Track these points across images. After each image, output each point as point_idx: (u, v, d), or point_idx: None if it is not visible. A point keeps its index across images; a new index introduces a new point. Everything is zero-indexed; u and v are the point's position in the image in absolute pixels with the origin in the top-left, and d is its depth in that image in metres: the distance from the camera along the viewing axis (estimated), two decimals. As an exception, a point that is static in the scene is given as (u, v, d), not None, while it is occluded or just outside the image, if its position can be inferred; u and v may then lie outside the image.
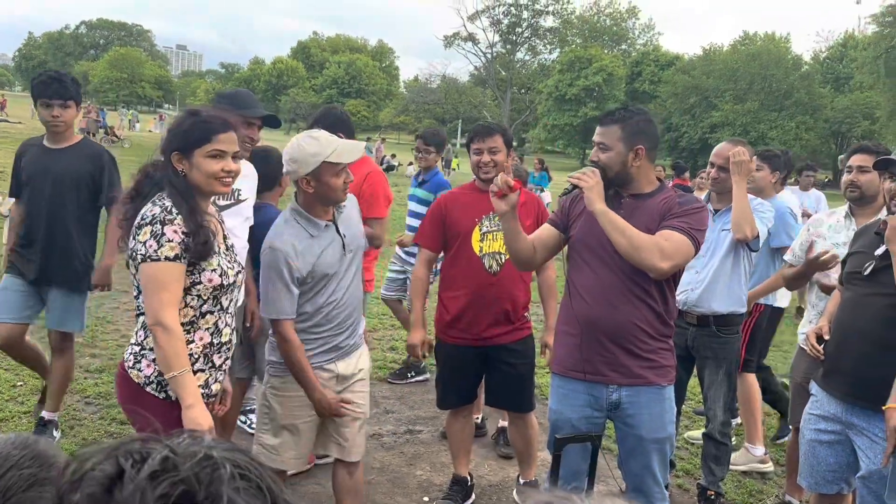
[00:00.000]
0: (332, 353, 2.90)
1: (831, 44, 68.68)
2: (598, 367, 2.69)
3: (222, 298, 2.37)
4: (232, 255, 2.46)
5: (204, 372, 2.36)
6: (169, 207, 2.23)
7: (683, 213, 2.60)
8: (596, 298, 2.67)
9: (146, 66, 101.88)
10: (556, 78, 62.37)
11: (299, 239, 2.71)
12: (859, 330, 2.76)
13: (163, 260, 2.18)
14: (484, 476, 4.09)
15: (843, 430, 2.84)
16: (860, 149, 3.53)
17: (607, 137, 2.67)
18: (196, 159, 2.28)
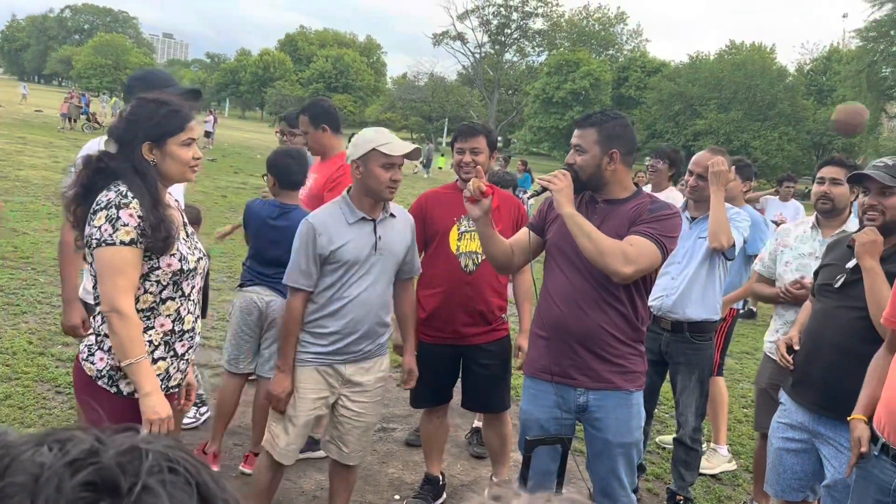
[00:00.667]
0: (342, 354, 2.91)
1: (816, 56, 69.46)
2: (566, 370, 2.71)
3: (183, 284, 2.32)
4: (192, 241, 2.41)
5: (165, 360, 2.31)
6: (124, 192, 2.17)
7: (653, 219, 2.61)
8: (566, 302, 2.68)
9: (131, 53, 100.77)
10: (544, 80, 62.52)
11: (333, 220, 2.86)
12: (829, 341, 2.80)
13: (118, 244, 2.13)
14: (456, 475, 4.10)
15: (810, 439, 2.88)
16: (832, 161, 3.55)
17: (583, 140, 2.69)
18: (170, 148, 2.25)
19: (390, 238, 2.94)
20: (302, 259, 2.84)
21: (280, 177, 3.62)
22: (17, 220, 9.11)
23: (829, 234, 3.49)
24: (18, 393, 4.26)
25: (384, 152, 2.77)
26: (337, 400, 2.98)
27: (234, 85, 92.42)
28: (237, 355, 3.64)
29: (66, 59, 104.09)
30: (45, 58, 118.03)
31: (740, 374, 7.04)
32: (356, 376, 2.96)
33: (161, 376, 2.29)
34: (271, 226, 3.57)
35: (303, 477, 3.79)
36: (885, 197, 2.72)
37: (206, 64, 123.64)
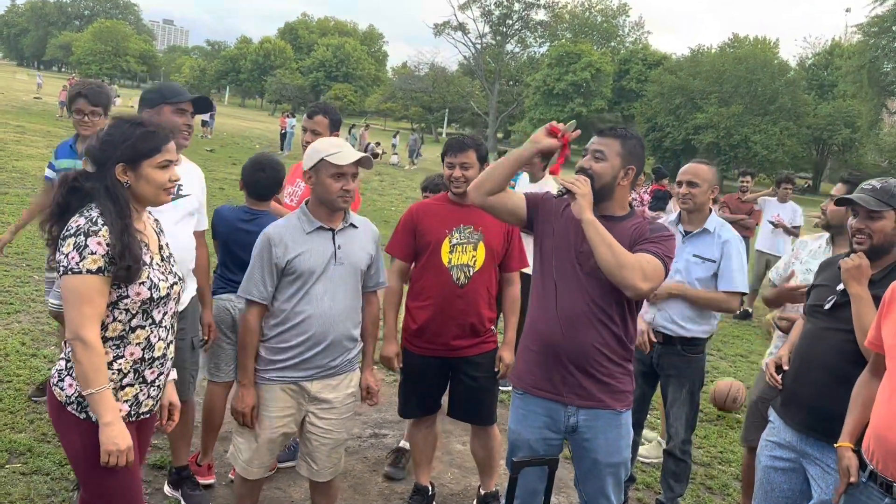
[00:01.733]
0: (305, 369, 2.89)
1: (818, 50, 69.24)
2: (557, 387, 2.71)
3: (153, 312, 2.29)
4: (168, 265, 2.39)
5: (133, 387, 2.29)
6: (94, 218, 2.16)
7: (657, 238, 2.62)
8: (560, 320, 2.67)
9: (131, 39, 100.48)
10: (545, 72, 62.30)
11: (290, 230, 2.86)
12: (818, 362, 2.80)
13: (84, 273, 2.12)
14: (446, 485, 4.10)
15: (798, 459, 2.88)
16: (840, 179, 3.53)
17: (607, 148, 2.68)
18: (145, 171, 2.24)
19: (351, 248, 2.93)
20: (257, 270, 2.83)
21: (248, 188, 3.65)
22: (13, 214, 9.07)
23: (842, 250, 3.46)
24: (9, 396, 4.26)
25: (333, 162, 2.78)
26: (305, 417, 2.96)
27: (234, 73, 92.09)
28: (217, 363, 3.63)
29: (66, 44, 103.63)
30: (44, 43, 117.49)
31: (734, 377, 7.03)
32: (323, 393, 2.94)
33: (130, 402, 2.28)
34: (242, 230, 3.55)
35: (292, 486, 3.80)
36: (873, 220, 2.72)
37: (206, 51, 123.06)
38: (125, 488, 2.29)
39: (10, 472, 3.50)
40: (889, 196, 2.72)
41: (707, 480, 4.63)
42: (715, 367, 7.25)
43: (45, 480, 3.47)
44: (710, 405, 5.99)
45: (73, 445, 2.26)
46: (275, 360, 2.89)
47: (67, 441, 2.27)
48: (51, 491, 3.39)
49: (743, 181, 9.82)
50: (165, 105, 3.14)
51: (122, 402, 2.26)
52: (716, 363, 7.39)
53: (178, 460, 3.54)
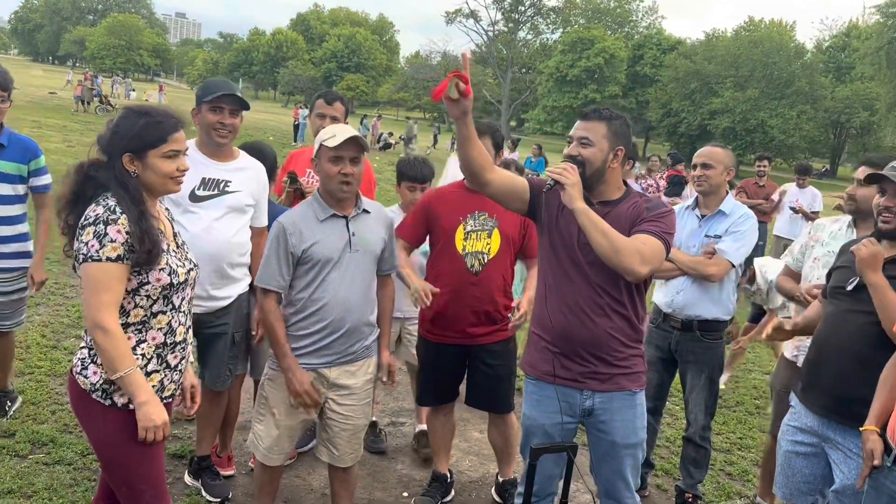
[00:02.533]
0: (324, 356, 2.90)
1: (835, 32, 68.33)
2: (573, 375, 2.70)
3: (173, 297, 2.33)
4: (183, 252, 2.41)
5: (158, 373, 2.32)
6: (113, 207, 2.19)
7: (654, 217, 2.58)
8: (571, 310, 2.65)
9: (144, 33, 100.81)
10: (558, 58, 61.93)
11: (304, 218, 2.87)
12: (839, 345, 2.76)
13: (104, 260, 2.15)
14: (464, 472, 4.11)
15: (819, 443, 2.85)
16: (865, 161, 3.45)
17: (592, 133, 2.62)
18: (150, 160, 2.26)
19: (365, 234, 2.93)
20: (273, 260, 2.84)
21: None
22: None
23: (863, 234, 3.40)
24: (31, 388, 4.31)
25: (329, 146, 2.80)
26: (325, 403, 2.97)
27: (246, 65, 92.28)
28: None
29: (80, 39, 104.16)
30: (58, 39, 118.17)
31: (753, 363, 7.00)
32: (342, 379, 2.95)
33: (156, 388, 2.31)
34: None
35: (312, 474, 3.81)
36: None
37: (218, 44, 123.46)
38: (149, 474, 2.31)
39: (32, 462, 3.54)
40: None
41: (727, 466, 4.61)
42: (733, 353, 7.20)
43: (67, 470, 3.51)
44: (728, 394, 5.97)
45: (97, 433, 2.29)
46: (293, 348, 2.90)
47: (91, 428, 2.30)
48: (73, 481, 3.43)
49: (760, 166, 9.72)
50: (203, 104, 3.20)
51: None
52: (734, 349, 7.34)
53: (202, 449, 3.56)
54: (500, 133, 3.57)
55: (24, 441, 3.70)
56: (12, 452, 3.59)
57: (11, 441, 3.69)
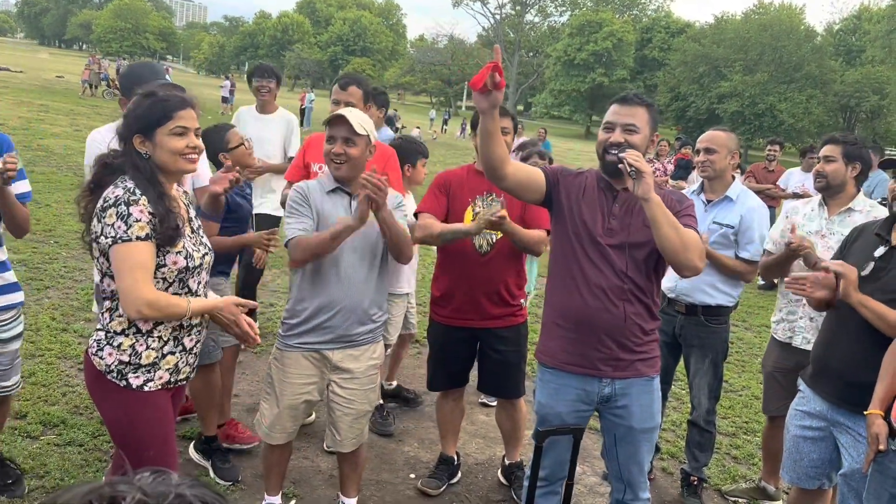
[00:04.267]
0: (323, 334, 2.91)
1: (845, 15, 67.61)
2: (593, 362, 2.67)
3: (189, 281, 2.34)
4: (198, 237, 2.43)
5: (174, 355, 2.34)
6: (132, 188, 2.20)
7: (686, 211, 2.62)
8: (594, 295, 2.62)
9: (150, 16, 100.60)
10: (566, 42, 61.56)
11: (315, 188, 2.96)
12: (850, 332, 2.76)
13: (134, 240, 2.16)
14: (471, 454, 4.14)
15: (828, 427, 2.86)
16: (830, 139, 3.55)
17: (636, 119, 2.58)
18: (159, 138, 2.26)
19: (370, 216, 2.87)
20: (293, 215, 2.88)
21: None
22: (39, 192, 9.18)
23: (834, 212, 3.49)
24: (42, 370, 4.35)
25: (324, 125, 2.93)
26: (328, 386, 3.00)
27: (252, 48, 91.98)
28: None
29: (86, 23, 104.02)
30: (65, 22, 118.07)
31: (759, 348, 6.98)
32: (345, 362, 2.96)
33: (171, 370, 2.34)
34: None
35: (320, 455, 3.85)
36: None
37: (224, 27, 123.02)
38: (163, 454, 2.34)
39: (44, 443, 3.59)
40: None
41: (732, 450, 4.62)
42: (740, 337, 7.21)
43: (78, 451, 3.55)
44: (734, 378, 5.98)
45: (111, 413, 2.31)
46: (294, 325, 2.92)
47: (106, 409, 2.33)
48: (84, 462, 3.47)
49: (770, 150, 9.67)
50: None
51: (163, 371, 2.31)
52: (741, 334, 7.35)
53: (208, 429, 3.59)
54: (514, 117, 3.64)
55: (35, 422, 3.74)
56: (24, 433, 3.64)
57: (23, 422, 3.74)
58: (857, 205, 3.44)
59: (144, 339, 2.27)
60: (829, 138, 3.57)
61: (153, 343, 2.28)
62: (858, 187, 3.51)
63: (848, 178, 3.44)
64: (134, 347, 2.26)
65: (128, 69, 3.36)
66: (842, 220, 3.43)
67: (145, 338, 2.27)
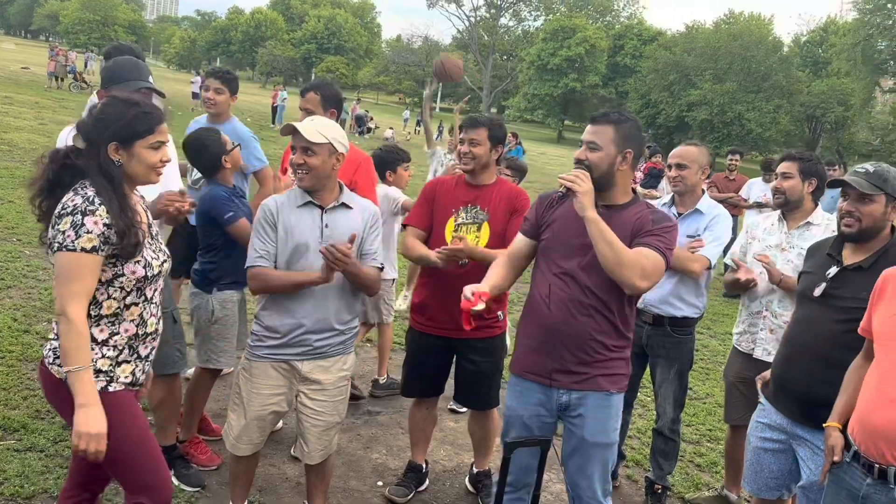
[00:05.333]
0: (294, 347, 2.89)
1: (812, 27, 68.98)
2: (551, 372, 2.73)
3: (146, 289, 2.33)
4: (157, 244, 2.41)
5: (130, 363, 2.32)
6: (91, 197, 2.18)
7: (659, 230, 2.61)
8: (557, 307, 2.68)
9: (120, 8, 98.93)
10: (539, 46, 61.93)
11: (285, 202, 2.91)
12: (809, 350, 2.82)
13: (78, 251, 2.13)
14: (439, 461, 4.14)
15: (788, 440, 2.92)
16: (786, 156, 3.64)
17: (599, 137, 2.66)
18: (137, 150, 2.25)
19: (338, 229, 2.88)
20: (257, 235, 2.86)
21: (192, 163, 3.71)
22: (2, 188, 8.99)
23: (793, 226, 3.57)
24: (2, 373, 4.26)
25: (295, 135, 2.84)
26: (297, 397, 2.98)
27: (224, 44, 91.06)
28: (208, 352, 3.62)
29: (53, 14, 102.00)
30: (31, 12, 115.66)
31: (723, 355, 7.08)
32: (314, 374, 2.95)
33: (128, 379, 2.32)
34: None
35: (286, 462, 3.82)
36: (864, 204, 2.73)
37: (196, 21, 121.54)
38: (139, 451, 2.30)
39: (4, 448, 3.51)
40: (881, 180, 2.73)
41: (696, 458, 4.70)
42: (705, 345, 7.32)
43: (39, 457, 3.48)
44: (699, 385, 6.07)
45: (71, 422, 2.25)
46: (266, 337, 2.90)
47: (69, 415, 2.25)
48: (45, 468, 3.40)
49: (731, 160, 9.85)
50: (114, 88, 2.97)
51: (122, 379, 2.29)
52: (706, 341, 7.46)
53: (166, 438, 3.50)
54: (503, 129, 3.51)
55: (-5, 427, 3.66)
56: (-17, 438, 3.56)
57: (-18, 427, 3.66)
58: (816, 219, 3.53)
59: (99, 349, 2.26)
60: (786, 155, 3.66)
61: (108, 352, 2.27)
62: (816, 202, 3.60)
63: (805, 194, 3.53)
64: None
65: (114, 63, 3.26)
66: (801, 234, 3.52)
67: (100, 347, 2.26)
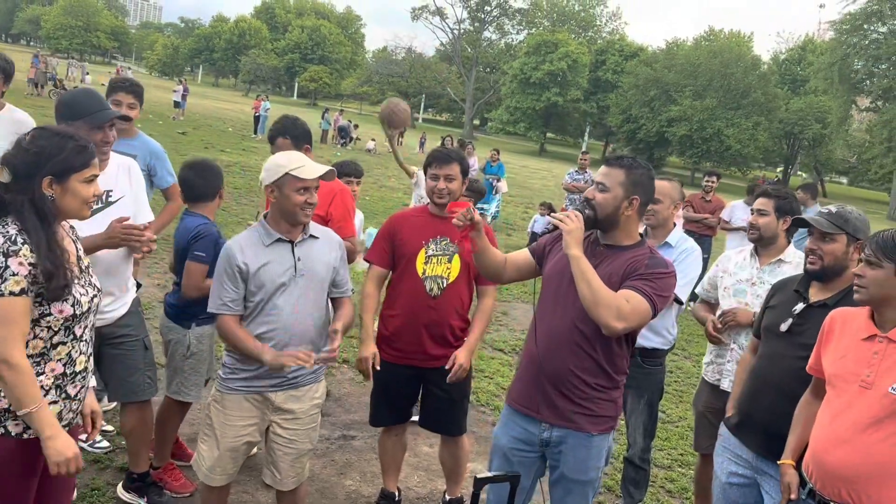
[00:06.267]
0: (270, 378, 2.91)
1: (791, 46, 70.07)
2: (536, 405, 2.79)
3: (75, 328, 2.25)
4: (87, 277, 2.33)
5: (57, 404, 2.24)
6: (13, 237, 2.08)
7: (650, 275, 2.63)
8: (543, 340, 2.76)
9: (102, 14, 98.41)
10: (522, 60, 62.33)
11: (250, 242, 2.89)
12: (773, 384, 2.89)
13: (7, 295, 2.05)
14: (412, 488, 4.17)
15: (753, 475, 2.99)
16: (762, 192, 3.72)
17: (609, 179, 2.72)
18: (72, 184, 2.20)
19: (311, 260, 2.94)
20: (222, 283, 2.86)
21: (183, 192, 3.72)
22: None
23: (766, 262, 3.64)
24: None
25: (297, 176, 2.82)
26: (269, 427, 3.00)
27: (207, 51, 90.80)
28: (179, 384, 3.64)
29: (35, 18, 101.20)
30: (12, 16, 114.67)
31: (696, 377, 7.16)
32: (287, 403, 2.97)
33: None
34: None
35: (259, 490, 3.83)
36: (825, 243, 2.84)
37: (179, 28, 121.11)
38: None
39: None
40: (843, 220, 2.84)
41: (667, 483, 4.76)
42: (679, 367, 7.40)
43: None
44: (671, 408, 6.14)
45: None
46: (239, 370, 2.92)
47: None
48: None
49: (708, 181, 9.92)
50: (82, 122, 2.98)
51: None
52: (679, 363, 7.55)
53: (138, 465, 3.51)
54: (467, 161, 3.65)
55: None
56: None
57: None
58: (788, 256, 3.61)
59: None
60: (763, 192, 3.73)
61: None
62: (789, 239, 3.68)
63: (780, 231, 3.61)
64: None
65: (70, 97, 3.25)
66: (772, 271, 3.59)
67: None
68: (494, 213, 14.72)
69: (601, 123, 64.53)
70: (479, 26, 75.02)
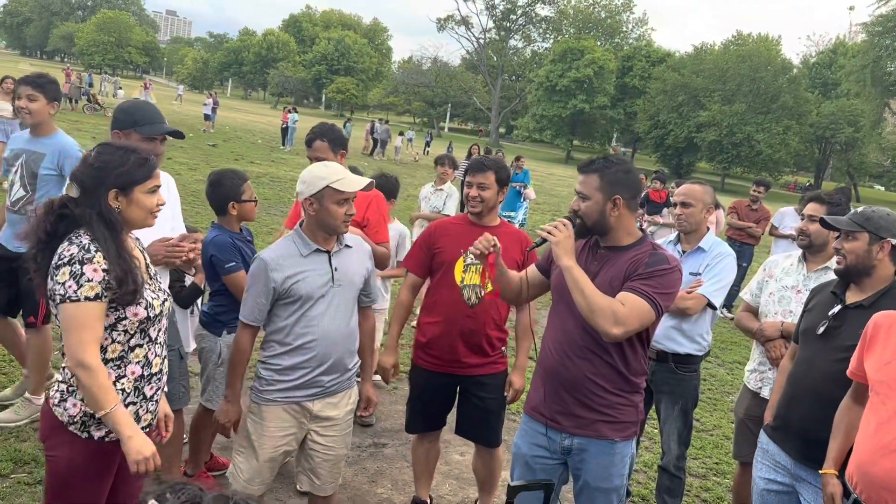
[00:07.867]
0: (308, 388, 2.93)
1: (822, 49, 69.11)
2: (554, 415, 2.76)
3: (150, 330, 2.36)
4: (156, 283, 2.43)
5: (135, 405, 2.36)
6: (87, 245, 2.19)
7: (648, 274, 2.58)
8: (557, 349, 2.73)
9: (134, 30, 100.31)
10: (548, 68, 62.26)
11: (287, 254, 2.89)
12: (811, 388, 2.84)
13: (83, 300, 2.16)
14: (444, 496, 4.16)
15: (792, 483, 2.93)
16: (814, 198, 3.65)
17: (586, 187, 2.69)
18: (136, 196, 2.30)
19: (347, 269, 2.97)
20: (253, 295, 2.87)
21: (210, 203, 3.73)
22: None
23: (813, 269, 3.58)
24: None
25: (337, 188, 2.81)
26: (307, 435, 3.02)
27: (236, 65, 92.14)
28: (212, 393, 3.69)
29: (69, 35, 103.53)
30: (47, 33, 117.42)
31: (731, 385, 7.09)
32: (325, 411, 2.99)
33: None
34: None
35: (293, 497, 3.85)
36: (847, 241, 2.83)
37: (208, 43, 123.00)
38: None
39: (14, 482, 3.55)
40: (864, 219, 2.82)
41: (702, 493, 4.68)
42: (712, 374, 7.30)
43: (49, 491, 3.52)
44: (706, 417, 6.05)
45: (58, 463, 2.30)
46: (277, 381, 2.93)
47: (56, 456, 2.32)
48: (55, 502, 3.44)
49: (756, 190, 9.62)
50: (134, 131, 3.07)
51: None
52: (713, 370, 7.44)
53: (171, 474, 3.53)
54: (507, 170, 3.61)
55: (5, 460, 3.71)
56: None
57: (-7, 460, 3.70)
58: (835, 264, 3.52)
59: None
60: (814, 196, 3.65)
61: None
62: None
63: (830, 238, 3.50)
64: None
65: (129, 105, 3.31)
66: (818, 278, 3.51)
67: None
68: (522, 220, 14.66)
69: (628, 130, 64.19)
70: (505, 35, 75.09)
